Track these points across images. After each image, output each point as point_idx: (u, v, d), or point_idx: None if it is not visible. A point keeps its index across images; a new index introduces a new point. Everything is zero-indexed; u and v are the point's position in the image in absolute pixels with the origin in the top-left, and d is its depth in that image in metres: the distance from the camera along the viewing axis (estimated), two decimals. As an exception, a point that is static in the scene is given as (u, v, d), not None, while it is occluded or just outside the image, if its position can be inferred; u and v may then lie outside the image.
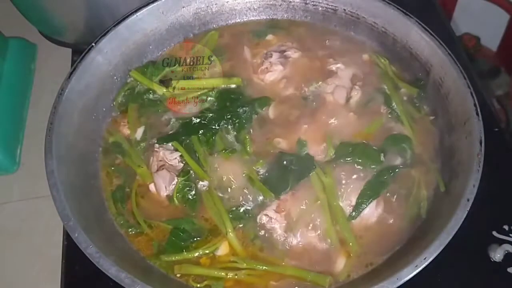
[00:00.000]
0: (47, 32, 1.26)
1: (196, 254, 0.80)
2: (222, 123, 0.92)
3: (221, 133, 0.91)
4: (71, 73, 0.90)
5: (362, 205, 0.82)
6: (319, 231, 0.81)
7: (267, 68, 0.98)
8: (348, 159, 0.86)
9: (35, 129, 1.15)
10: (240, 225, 0.82)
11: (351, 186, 0.84)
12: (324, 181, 0.83)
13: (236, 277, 0.77)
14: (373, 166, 0.86)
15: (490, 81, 1.53)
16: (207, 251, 0.80)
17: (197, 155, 0.89)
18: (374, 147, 0.88)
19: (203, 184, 0.87)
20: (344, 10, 1.03)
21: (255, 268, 0.78)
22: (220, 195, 0.85)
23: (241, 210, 0.83)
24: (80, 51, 0.95)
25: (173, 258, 0.80)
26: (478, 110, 0.81)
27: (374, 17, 1.00)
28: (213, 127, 0.91)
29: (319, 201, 0.82)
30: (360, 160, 0.86)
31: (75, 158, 0.86)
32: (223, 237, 0.81)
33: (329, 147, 0.88)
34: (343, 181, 0.84)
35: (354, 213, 0.82)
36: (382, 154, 0.87)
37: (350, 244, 0.80)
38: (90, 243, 0.72)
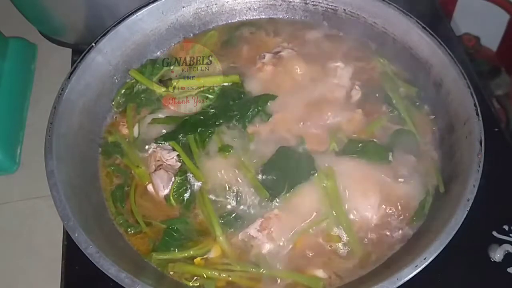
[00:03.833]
0: (47, 32, 1.26)
1: (186, 255, 0.80)
2: (222, 121, 0.91)
3: (219, 131, 0.91)
4: (71, 73, 0.90)
5: None
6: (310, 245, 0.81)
7: (259, 68, 0.98)
8: (356, 156, 0.86)
9: (35, 129, 1.15)
10: (231, 230, 0.82)
11: (354, 186, 0.84)
12: (327, 186, 0.83)
13: (230, 278, 0.78)
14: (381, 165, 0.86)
15: (490, 81, 1.53)
16: (198, 253, 0.81)
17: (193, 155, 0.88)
18: (382, 145, 0.88)
19: (198, 185, 0.86)
20: (344, 10, 1.03)
21: (248, 271, 0.78)
22: (213, 197, 0.84)
23: (232, 216, 0.83)
24: (80, 51, 0.95)
25: (164, 257, 0.80)
26: (478, 110, 0.81)
27: (374, 17, 1.00)
28: (213, 124, 0.91)
29: (305, 221, 0.81)
30: (370, 158, 0.86)
31: (75, 158, 0.86)
32: (214, 239, 0.81)
33: (332, 142, 0.88)
34: (347, 182, 0.84)
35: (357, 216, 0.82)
36: (390, 154, 0.87)
37: (355, 249, 0.80)
38: (90, 243, 0.72)
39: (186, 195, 0.86)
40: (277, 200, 0.83)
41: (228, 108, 0.93)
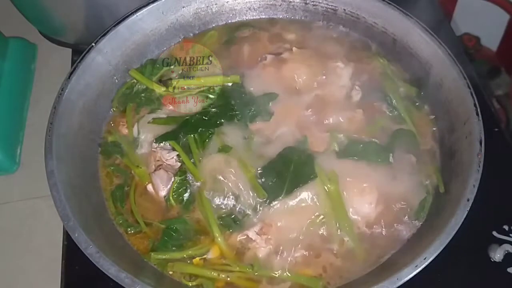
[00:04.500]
0: (47, 32, 1.26)
1: (185, 255, 0.81)
2: (223, 120, 0.91)
3: (219, 131, 0.90)
4: (71, 73, 0.90)
5: None
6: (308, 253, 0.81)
7: (260, 69, 0.98)
8: (357, 157, 0.86)
9: (35, 129, 1.15)
10: (230, 231, 0.82)
11: (354, 186, 0.83)
12: (329, 189, 0.82)
13: (228, 279, 0.78)
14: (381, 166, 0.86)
15: (490, 81, 1.53)
16: (197, 253, 0.81)
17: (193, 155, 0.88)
18: (383, 146, 0.88)
19: (197, 185, 0.86)
20: (344, 10, 1.03)
21: (247, 272, 0.78)
22: (212, 198, 0.84)
23: (231, 217, 0.82)
24: (80, 51, 0.95)
25: (163, 257, 0.80)
26: (478, 110, 0.82)
27: (374, 17, 1.00)
28: (214, 124, 0.91)
29: (305, 223, 0.81)
30: (371, 159, 0.86)
31: (75, 158, 0.86)
32: (213, 240, 0.81)
33: (332, 142, 0.88)
34: (347, 181, 0.84)
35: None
36: (391, 155, 0.87)
37: (355, 249, 0.80)
38: (90, 243, 0.72)
39: (186, 195, 0.86)
40: (276, 202, 0.82)
41: (229, 108, 0.93)
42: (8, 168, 1.09)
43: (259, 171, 0.85)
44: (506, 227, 0.89)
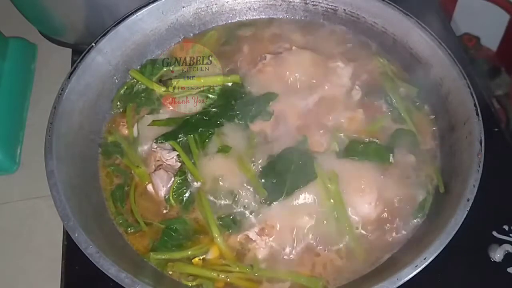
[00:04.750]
0: (47, 32, 1.26)
1: (185, 255, 0.81)
2: (224, 120, 0.91)
3: (219, 132, 0.90)
4: (71, 73, 0.90)
5: None
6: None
7: (260, 69, 0.98)
8: (358, 158, 0.86)
9: (35, 129, 1.15)
10: (229, 231, 0.82)
11: (354, 186, 0.83)
12: (330, 189, 0.82)
13: (228, 279, 0.78)
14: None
15: (490, 81, 1.53)
16: (196, 253, 0.81)
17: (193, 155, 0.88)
18: (383, 146, 0.88)
19: (197, 186, 0.86)
20: (344, 10, 1.03)
21: (246, 272, 0.78)
22: (212, 199, 0.84)
23: (230, 218, 0.82)
24: (80, 51, 0.95)
25: (162, 257, 0.80)
26: (478, 110, 0.82)
27: (374, 17, 1.00)
28: (214, 124, 0.91)
29: (305, 223, 0.81)
30: (371, 160, 0.86)
31: (75, 158, 0.86)
32: (212, 240, 0.81)
33: (333, 142, 0.88)
34: (347, 181, 0.84)
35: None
36: (391, 155, 0.87)
37: (355, 249, 0.80)
38: (90, 243, 0.73)
39: (186, 195, 0.86)
40: (276, 202, 0.82)
41: (229, 108, 0.93)
42: (8, 168, 1.09)
43: (259, 172, 0.85)
44: (506, 227, 0.89)
